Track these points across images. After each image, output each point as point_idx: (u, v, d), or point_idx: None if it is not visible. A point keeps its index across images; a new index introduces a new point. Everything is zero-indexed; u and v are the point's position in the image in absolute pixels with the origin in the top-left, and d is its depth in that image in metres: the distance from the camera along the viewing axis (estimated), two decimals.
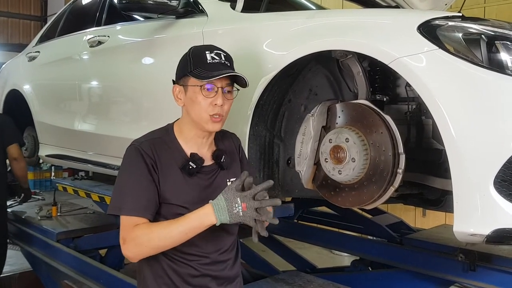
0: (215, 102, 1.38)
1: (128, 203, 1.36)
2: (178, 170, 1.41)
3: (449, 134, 1.38)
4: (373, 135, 1.68)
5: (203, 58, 1.38)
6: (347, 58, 1.78)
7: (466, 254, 2.44)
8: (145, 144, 1.41)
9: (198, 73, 1.37)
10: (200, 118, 1.40)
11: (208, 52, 1.39)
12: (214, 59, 1.38)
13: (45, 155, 3.55)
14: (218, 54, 1.40)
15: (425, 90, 1.43)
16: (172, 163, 1.41)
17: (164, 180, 1.39)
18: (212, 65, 1.37)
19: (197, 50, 1.43)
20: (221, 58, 1.40)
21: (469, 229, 1.38)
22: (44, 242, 3.16)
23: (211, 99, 1.38)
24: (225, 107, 1.41)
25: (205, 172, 1.45)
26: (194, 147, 1.46)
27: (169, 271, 1.43)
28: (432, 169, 1.81)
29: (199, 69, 1.37)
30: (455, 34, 1.45)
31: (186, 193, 1.41)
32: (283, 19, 1.96)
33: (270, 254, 3.66)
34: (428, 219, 4.71)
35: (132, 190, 1.37)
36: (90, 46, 2.93)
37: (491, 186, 1.33)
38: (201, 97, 1.38)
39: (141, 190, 1.36)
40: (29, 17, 12.12)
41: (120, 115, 2.80)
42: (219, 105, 1.38)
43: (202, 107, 1.39)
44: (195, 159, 1.42)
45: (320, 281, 2.41)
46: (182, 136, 1.46)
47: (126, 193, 1.38)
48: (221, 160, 1.47)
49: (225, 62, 1.40)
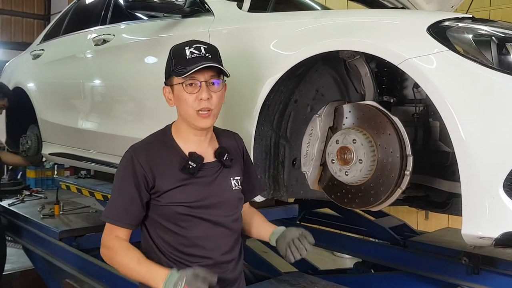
0: (200, 97, 1.38)
1: (107, 210, 1.45)
2: (179, 170, 1.41)
3: (458, 136, 1.37)
4: (380, 136, 1.67)
5: (182, 54, 1.38)
6: (354, 59, 1.77)
7: (470, 258, 2.44)
8: (140, 151, 1.43)
9: (179, 70, 1.37)
10: (188, 116, 1.41)
11: (188, 48, 1.39)
12: (193, 54, 1.37)
13: (48, 154, 3.55)
14: (198, 48, 1.39)
15: (435, 91, 1.42)
16: (172, 164, 1.42)
17: (163, 183, 1.40)
18: (192, 59, 1.37)
19: (177, 47, 1.43)
20: (200, 51, 1.38)
21: (477, 232, 1.37)
22: (46, 241, 3.14)
23: (196, 94, 1.38)
24: (213, 100, 1.40)
25: (207, 169, 1.45)
26: (192, 146, 1.46)
27: None
28: (439, 171, 1.80)
29: (179, 67, 1.37)
30: (465, 36, 1.45)
31: (186, 192, 1.41)
32: (290, 19, 1.95)
33: (272, 255, 3.64)
34: (431, 222, 4.69)
35: (115, 198, 1.44)
36: (95, 45, 2.92)
37: (501, 189, 1.32)
38: (186, 94, 1.39)
39: (122, 200, 1.41)
40: (33, 15, 12.14)
41: (124, 114, 2.79)
42: (205, 99, 1.38)
43: (188, 103, 1.39)
44: (194, 158, 1.42)
45: (323, 282, 2.40)
46: (180, 136, 1.47)
47: (110, 200, 1.46)
48: (223, 158, 1.47)
49: (205, 54, 1.38)
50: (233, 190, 1.49)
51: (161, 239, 1.43)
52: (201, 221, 1.42)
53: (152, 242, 1.45)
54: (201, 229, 1.42)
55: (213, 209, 1.44)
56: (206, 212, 1.43)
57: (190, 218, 1.41)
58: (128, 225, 1.42)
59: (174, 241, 1.42)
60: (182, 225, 1.41)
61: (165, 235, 1.43)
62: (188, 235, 1.41)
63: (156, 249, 1.44)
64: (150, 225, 1.45)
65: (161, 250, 1.43)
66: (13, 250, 4.51)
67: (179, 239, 1.42)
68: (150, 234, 1.46)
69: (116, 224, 1.41)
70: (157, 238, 1.44)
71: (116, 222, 1.41)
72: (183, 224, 1.41)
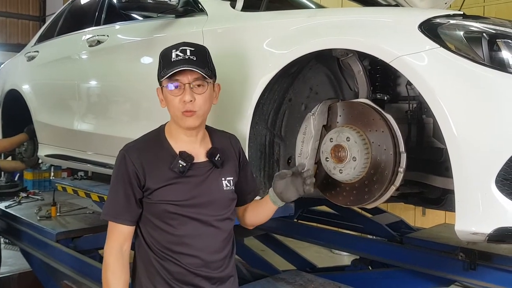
0: (184, 99, 1.41)
1: (106, 209, 1.49)
2: (169, 169, 1.43)
3: (450, 132, 1.38)
4: (374, 134, 1.68)
5: (169, 57, 1.41)
6: (347, 57, 1.77)
7: (466, 253, 2.44)
8: (132, 149, 1.47)
9: (163, 73, 1.41)
10: (175, 116, 1.45)
11: (174, 51, 1.42)
12: (178, 56, 1.40)
13: (44, 155, 3.54)
14: (184, 51, 1.41)
15: (427, 88, 1.42)
16: (162, 163, 1.45)
17: (153, 181, 1.43)
18: (176, 62, 1.39)
19: (165, 50, 1.46)
20: (185, 54, 1.41)
21: (470, 228, 1.37)
22: (44, 242, 3.14)
23: (180, 97, 1.41)
24: (197, 102, 1.42)
25: (197, 169, 1.47)
26: (183, 146, 1.48)
27: (160, 270, 1.45)
28: (433, 168, 1.81)
29: (164, 69, 1.41)
30: (457, 33, 1.45)
31: (176, 191, 1.43)
32: (283, 17, 1.95)
33: (270, 254, 3.65)
34: (428, 218, 4.71)
35: (113, 196, 1.47)
36: (89, 46, 2.92)
37: (493, 185, 1.33)
38: (170, 96, 1.42)
39: (119, 198, 1.44)
40: (28, 17, 12.09)
41: (119, 115, 2.79)
42: (187, 101, 1.40)
43: (174, 105, 1.42)
44: (184, 157, 1.44)
45: (320, 280, 2.41)
46: (171, 136, 1.50)
47: (108, 198, 1.49)
48: (215, 158, 1.49)
49: (190, 57, 1.40)
50: (224, 190, 1.51)
51: (150, 236, 1.46)
52: (189, 220, 1.44)
53: (142, 238, 1.48)
54: (190, 227, 1.44)
55: (202, 208, 1.46)
56: (194, 211, 1.45)
57: (179, 216, 1.43)
58: (128, 222, 1.45)
59: (163, 238, 1.45)
60: (170, 223, 1.44)
61: (154, 232, 1.46)
62: (176, 233, 1.44)
63: (145, 245, 1.47)
64: (141, 221, 1.49)
65: (150, 246, 1.46)
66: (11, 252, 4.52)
67: (168, 237, 1.44)
68: (140, 230, 1.49)
69: (116, 222, 1.45)
70: (147, 234, 1.47)
71: (116, 220, 1.45)
72: (172, 222, 1.44)
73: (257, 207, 1.64)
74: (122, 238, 1.46)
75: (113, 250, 1.45)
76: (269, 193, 1.56)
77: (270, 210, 1.60)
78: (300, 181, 1.51)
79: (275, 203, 1.55)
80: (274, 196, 1.54)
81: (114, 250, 1.45)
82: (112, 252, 1.45)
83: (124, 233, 1.46)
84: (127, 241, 1.47)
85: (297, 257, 3.48)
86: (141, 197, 1.46)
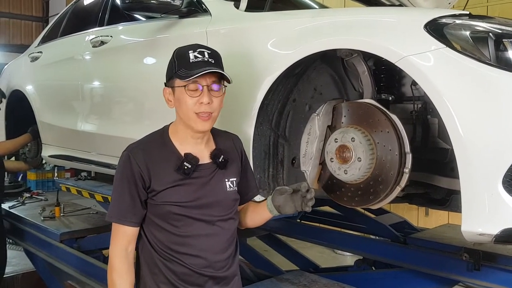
0: (201, 101, 1.40)
1: (110, 211, 1.48)
2: (174, 171, 1.43)
3: (456, 133, 1.37)
4: (379, 134, 1.67)
5: (186, 58, 1.41)
6: (352, 57, 1.77)
7: (470, 254, 2.43)
8: (136, 150, 1.46)
9: (182, 73, 1.40)
10: (188, 118, 1.43)
11: (191, 51, 1.41)
12: (197, 58, 1.40)
13: (48, 156, 3.54)
14: (201, 52, 1.42)
15: (433, 88, 1.41)
16: (167, 164, 1.45)
17: (158, 183, 1.43)
18: (195, 64, 1.39)
19: (181, 50, 1.45)
20: (204, 56, 1.41)
21: (477, 229, 1.37)
22: (47, 243, 3.15)
23: (197, 98, 1.41)
24: (214, 104, 1.43)
25: (202, 170, 1.47)
26: (188, 147, 1.48)
27: (164, 270, 1.46)
28: (438, 169, 1.81)
29: (182, 70, 1.40)
30: (463, 32, 1.44)
31: (181, 192, 1.44)
32: (288, 18, 1.95)
33: (273, 254, 3.65)
34: (431, 218, 4.70)
35: (117, 198, 1.47)
36: (92, 46, 2.92)
37: (500, 185, 1.32)
38: (187, 97, 1.41)
39: (123, 199, 1.44)
40: (31, 18, 12.12)
41: (123, 115, 2.79)
42: (205, 103, 1.40)
43: (188, 106, 1.41)
44: (189, 158, 1.44)
45: (324, 280, 2.40)
46: (176, 137, 1.49)
47: (112, 200, 1.49)
48: (218, 160, 1.49)
49: (208, 59, 1.41)
50: (228, 191, 1.52)
51: (154, 237, 1.47)
52: (194, 221, 1.45)
53: (146, 239, 1.49)
54: (194, 228, 1.45)
55: (207, 209, 1.46)
56: (199, 212, 1.45)
57: (183, 217, 1.44)
58: (133, 223, 1.45)
59: (166, 239, 1.45)
60: (175, 224, 1.44)
61: (158, 233, 1.46)
62: (181, 234, 1.44)
63: (149, 246, 1.48)
64: (144, 222, 1.49)
65: (154, 247, 1.46)
66: (15, 253, 4.52)
67: (172, 237, 1.45)
68: (144, 231, 1.49)
69: (121, 223, 1.45)
70: (150, 235, 1.47)
71: (120, 221, 1.45)
72: (176, 223, 1.44)
73: (254, 211, 1.64)
74: (127, 239, 1.46)
75: (118, 252, 1.45)
76: (267, 201, 1.56)
77: (266, 217, 1.61)
78: (299, 199, 1.49)
79: (271, 212, 1.55)
80: (271, 206, 1.54)
81: (119, 251, 1.45)
82: (117, 253, 1.45)
83: (129, 235, 1.46)
84: (132, 243, 1.48)
85: (300, 257, 3.47)
86: (146, 199, 1.46)
